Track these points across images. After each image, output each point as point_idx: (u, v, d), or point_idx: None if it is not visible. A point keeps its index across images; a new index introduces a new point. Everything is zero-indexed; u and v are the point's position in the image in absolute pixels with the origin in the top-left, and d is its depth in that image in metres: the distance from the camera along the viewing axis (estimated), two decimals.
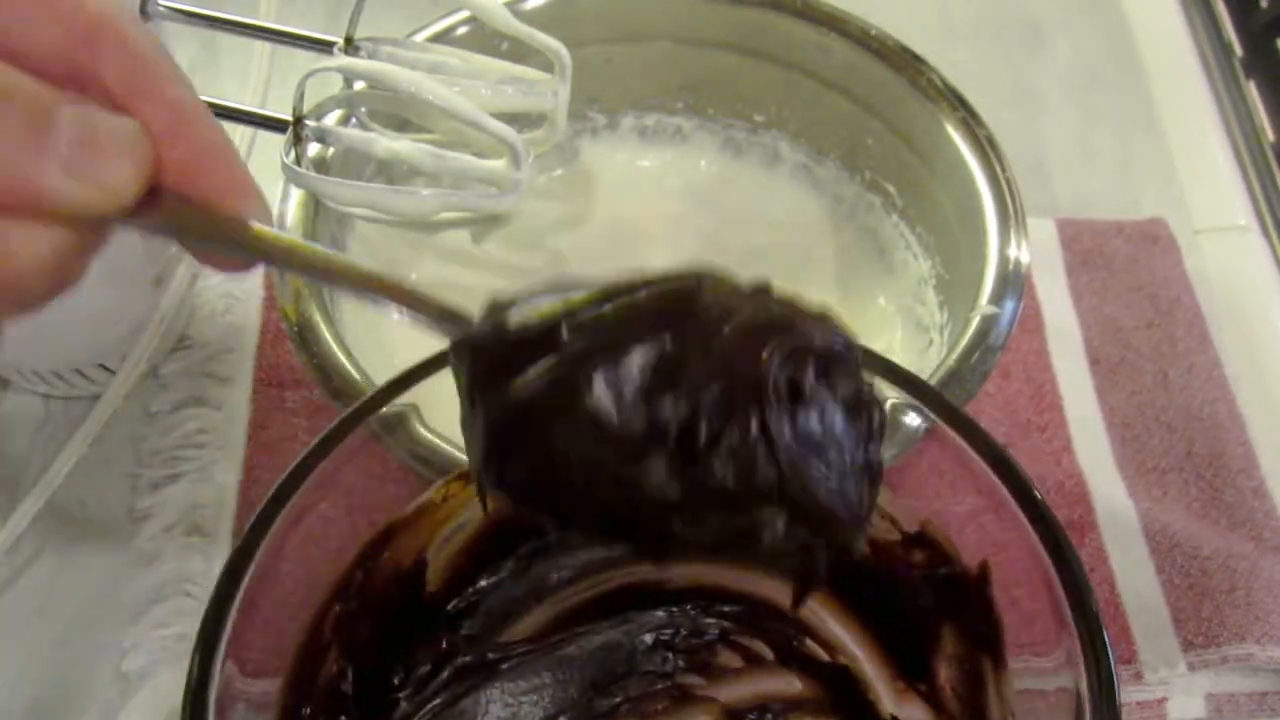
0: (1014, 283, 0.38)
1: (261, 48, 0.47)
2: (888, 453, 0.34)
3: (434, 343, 0.27)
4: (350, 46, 0.40)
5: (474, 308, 0.26)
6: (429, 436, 0.33)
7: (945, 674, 0.33)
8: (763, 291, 0.25)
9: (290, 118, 0.38)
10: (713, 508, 0.24)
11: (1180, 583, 0.45)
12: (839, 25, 0.45)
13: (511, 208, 0.40)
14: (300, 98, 0.38)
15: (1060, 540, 0.28)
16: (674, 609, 0.38)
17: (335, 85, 0.42)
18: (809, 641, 0.37)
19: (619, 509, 0.24)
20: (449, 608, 0.35)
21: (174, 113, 0.25)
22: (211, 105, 0.39)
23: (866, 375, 0.26)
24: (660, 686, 0.37)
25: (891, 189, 0.47)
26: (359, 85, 0.41)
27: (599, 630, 0.37)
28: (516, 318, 0.25)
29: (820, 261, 0.49)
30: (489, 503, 0.26)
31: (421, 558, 0.34)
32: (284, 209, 0.40)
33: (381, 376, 0.37)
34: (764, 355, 0.23)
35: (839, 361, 0.25)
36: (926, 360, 0.44)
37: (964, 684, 0.32)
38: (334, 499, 0.30)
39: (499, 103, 0.40)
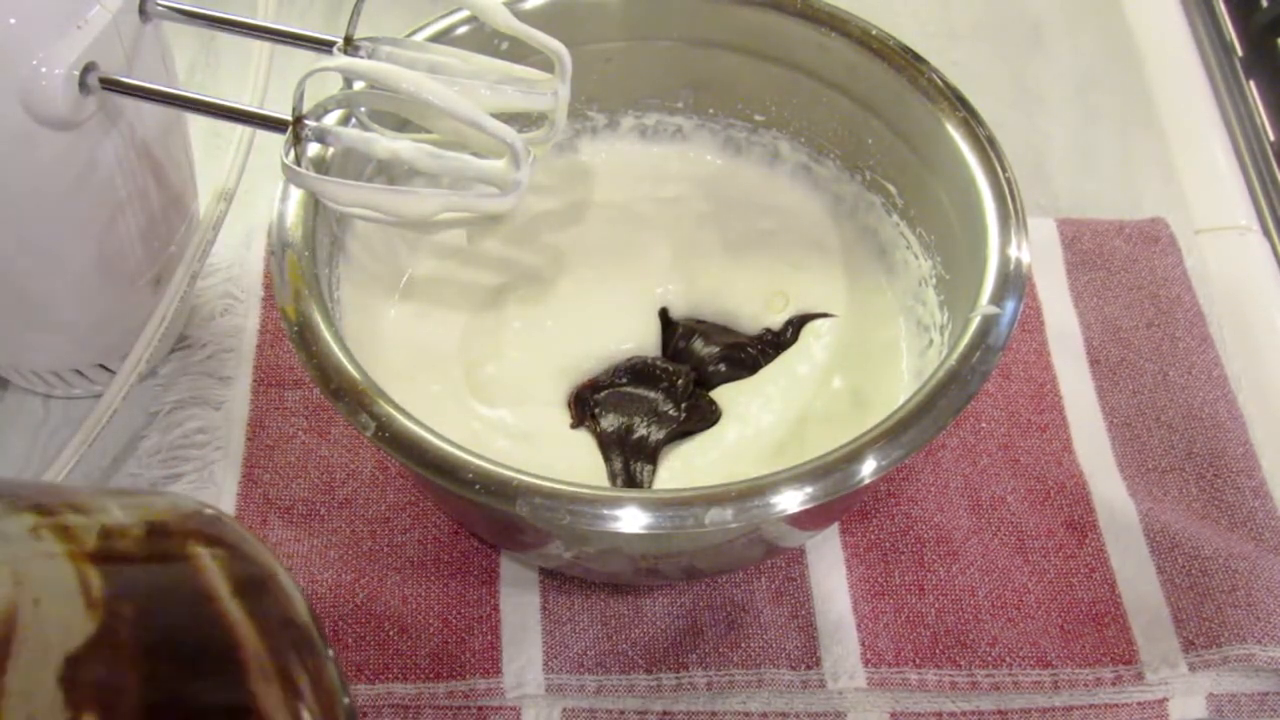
0: (1014, 283, 0.38)
1: (261, 47, 0.47)
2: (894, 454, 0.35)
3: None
4: (350, 46, 0.40)
5: (472, 304, 0.25)
6: None
7: None
8: None
9: (290, 118, 0.38)
10: None
11: (1181, 583, 0.45)
12: (839, 25, 0.45)
13: (512, 208, 0.40)
14: (300, 98, 0.38)
15: None
16: None
17: (335, 85, 0.42)
18: None
19: None
20: None
21: None
22: (211, 105, 0.39)
23: None
24: None
25: (891, 189, 0.47)
26: (359, 85, 0.41)
27: None
28: None
29: (827, 248, 0.49)
30: None
31: None
32: (284, 209, 0.40)
33: (381, 376, 0.37)
34: None
35: None
36: (927, 360, 0.44)
37: None
38: None
39: (499, 103, 0.40)
